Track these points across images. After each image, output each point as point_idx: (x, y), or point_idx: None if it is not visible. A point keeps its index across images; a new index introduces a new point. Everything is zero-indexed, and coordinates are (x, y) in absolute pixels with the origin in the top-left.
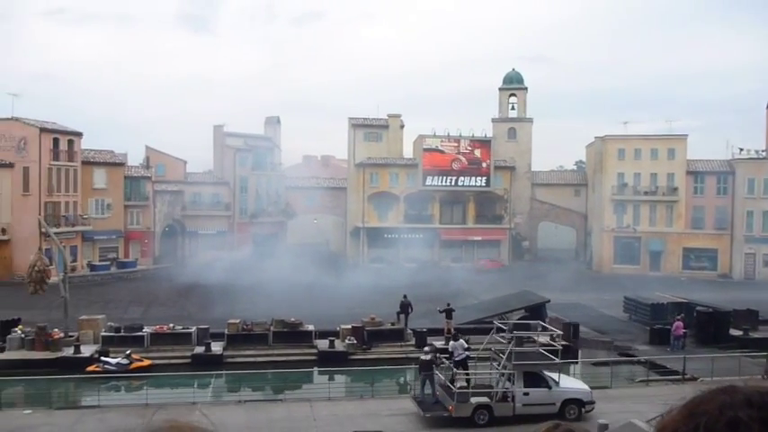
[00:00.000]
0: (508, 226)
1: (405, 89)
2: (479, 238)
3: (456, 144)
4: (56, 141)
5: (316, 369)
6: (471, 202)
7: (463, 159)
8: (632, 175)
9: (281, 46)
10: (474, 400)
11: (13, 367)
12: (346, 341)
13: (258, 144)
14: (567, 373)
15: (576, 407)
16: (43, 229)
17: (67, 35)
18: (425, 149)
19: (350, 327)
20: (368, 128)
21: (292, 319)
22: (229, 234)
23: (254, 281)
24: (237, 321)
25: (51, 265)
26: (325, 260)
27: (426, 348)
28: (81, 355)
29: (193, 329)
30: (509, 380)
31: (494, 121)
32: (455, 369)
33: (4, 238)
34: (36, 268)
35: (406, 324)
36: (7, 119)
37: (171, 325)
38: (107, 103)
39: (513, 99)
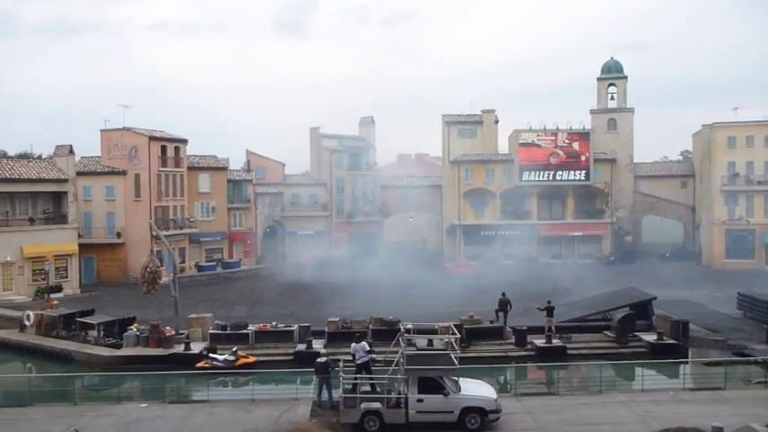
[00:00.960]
0: (610, 220)
1: (498, 84)
2: (580, 234)
3: (553, 138)
4: (163, 149)
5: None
6: (570, 197)
7: (561, 153)
8: (744, 163)
9: (374, 47)
10: (364, 405)
11: (130, 363)
12: (444, 339)
13: (353, 144)
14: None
15: (477, 416)
16: (154, 233)
17: (171, 47)
18: (521, 144)
19: (448, 325)
20: (462, 124)
21: (390, 317)
22: (327, 234)
23: (352, 279)
24: (337, 319)
25: (162, 266)
26: (421, 258)
27: (322, 351)
28: (191, 352)
29: (295, 327)
30: (404, 385)
31: (592, 112)
32: (336, 375)
33: (119, 241)
34: (148, 269)
35: (505, 322)
36: (120, 129)
37: (274, 323)
38: (209, 110)
39: (612, 89)
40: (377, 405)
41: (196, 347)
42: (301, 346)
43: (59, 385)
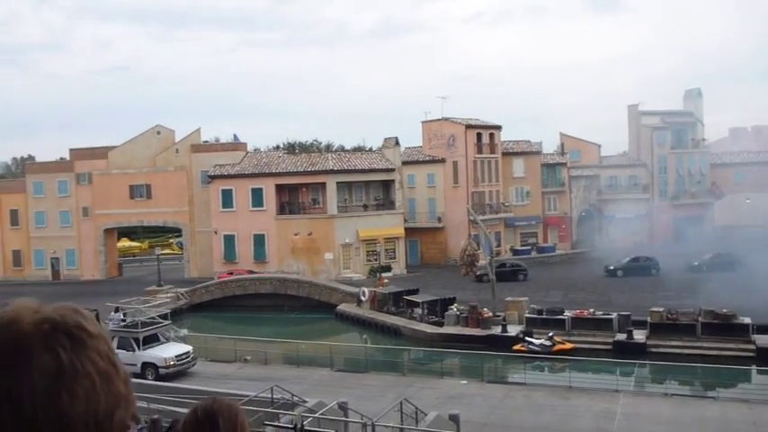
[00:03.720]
0: None
1: None
2: None
3: None
4: (479, 136)
5: (754, 367)
6: None
7: None
8: None
9: (698, 10)
10: None
11: (450, 341)
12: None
13: (677, 120)
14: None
15: (152, 369)
16: (471, 217)
17: (485, 36)
18: None
19: None
20: None
21: (724, 311)
22: (648, 217)
23: (677, 266)
24: (661, 310)
25: (479, 249)
26: (762, 245)
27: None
28: (507, 335)
29: (614, 316)
30: None
31: None
32: None
33: (440, 225)
34: (467, 252)
35: None
36: (438, 119)
37: (591, 310)
38: (523, 95)
39: None
40: None
41: (512, 330)
42: (621, 336)
43: (390, 356)
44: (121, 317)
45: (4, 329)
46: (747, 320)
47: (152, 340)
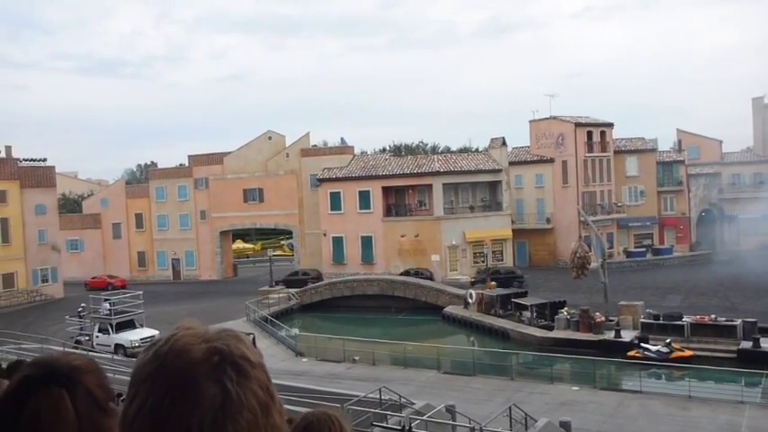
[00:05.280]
0: None
1: None
2: None
3: None
4: (589, 134)
5: None
6: None
7: None
8: None
9: None
10: (77, 338)
11: (560, 345)
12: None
13: None
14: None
15: (122, 349)
16: (582, 218)
17: (594, 31)
18: None
19: None
20: None
21: None
22: None
23: None
24: None
25: (590, 251)
26: None
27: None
28: (621, 340)
29: (738, 322)
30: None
31: None
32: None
33: (549, 226)
34: (577, 255)
35: None
36: (546, 118)
37: (713, 316)
38: (635, 91)
39: None
40: (82, 338)
41: (627, 335)
42: (746, 344)
43: (498, 360)
44: (108, 306)
45: (177, 359)
46: None
47: (127, 326)
